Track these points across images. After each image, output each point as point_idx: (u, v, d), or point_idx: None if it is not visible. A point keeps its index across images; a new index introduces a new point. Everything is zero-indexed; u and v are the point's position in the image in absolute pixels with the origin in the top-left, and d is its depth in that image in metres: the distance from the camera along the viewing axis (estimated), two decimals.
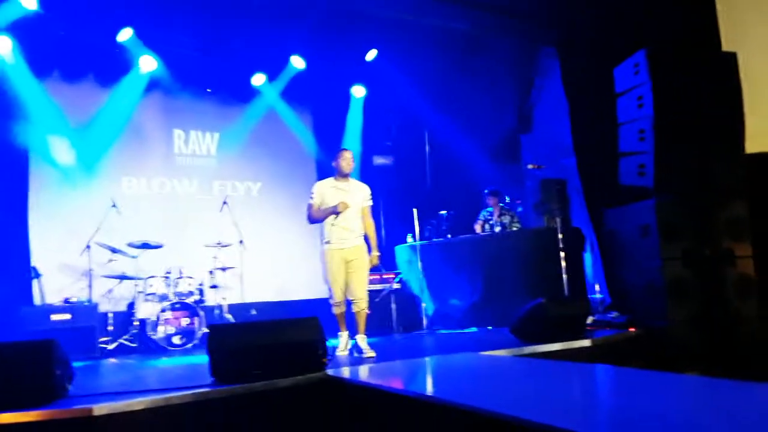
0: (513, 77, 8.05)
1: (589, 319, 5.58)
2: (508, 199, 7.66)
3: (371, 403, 3.14)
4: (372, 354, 4.59)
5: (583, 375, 3.26)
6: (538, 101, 8.02)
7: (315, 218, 4.97)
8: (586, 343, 4.60)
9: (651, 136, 5.43)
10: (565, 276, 5.82)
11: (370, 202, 5.11)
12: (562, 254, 5.89)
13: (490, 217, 7.25)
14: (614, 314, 5.64)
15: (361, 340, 4.74)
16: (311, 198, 4.97)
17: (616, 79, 5.91)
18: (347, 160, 5.00)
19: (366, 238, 5.03)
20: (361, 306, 4.82)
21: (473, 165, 8.07)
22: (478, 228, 7.25)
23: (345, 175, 5.00)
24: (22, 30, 6.62)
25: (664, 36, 5.79)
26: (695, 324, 5.13)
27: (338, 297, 4.83)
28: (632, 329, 5.23)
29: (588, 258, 6.63)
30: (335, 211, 4.79)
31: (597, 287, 6.29)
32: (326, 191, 4.94)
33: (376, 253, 5.02)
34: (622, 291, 5.80)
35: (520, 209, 7.66)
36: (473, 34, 7.35)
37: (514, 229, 7.01)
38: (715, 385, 2.63)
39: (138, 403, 3.00)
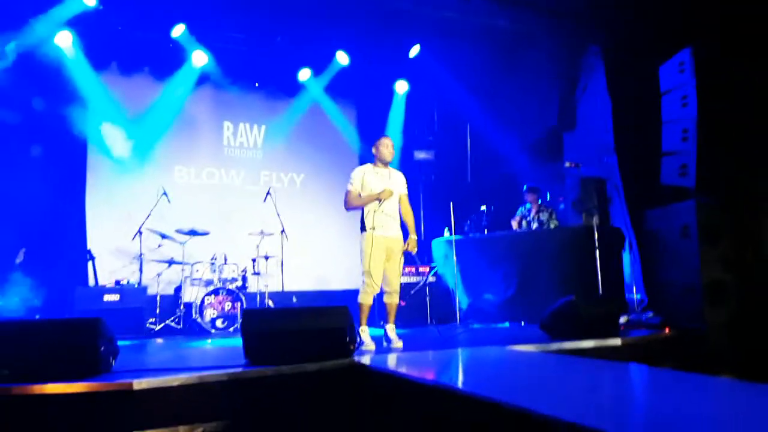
0: (557, 75, 7.97)
1: (624, 319, 5.55)
2: (549, 196, 7.63)
3: (395, 391, 3.22)
4: (400, 344, 4.68)
5: (610, 372, 3.21)
6: (582, 99, 7.92)
7: (353, 205, 4.84)
8: (616, 342, 4.56)
9: (694, 137, 5.33)
10: (600, 275, 5.78)
11: (407, 190, 5.10)
12: (598, 253, 5.84)
13: (527, 214, 7.24)
14: (650, 314, 5.59)
15: (391, 330, 4.82)
16: (350, 184, 4.85)
17: (661, 77, 5.80)
18: (389, 147, 4.91)
19: (403, 226, 4.99)
20: (395, 297, 4.83)
21: (514, 161, 8.07)
22: (514, 224, 7.26)
23: (386, 163, 4.92)
24: (82, 25, 7.01)
25: (713, 33, 5.66)
26: (732, 328, 5.03)
27: (377, 285, 4.70)
28: (667, 330, 5.16)
29: (627, 258, 6.55)
30: (379, 198, 4.73)
31: (634, 287, 6.20)
32: (368, 178, 4.84)
33: (413, 237, 4.93)
34: (659, 291, 5.73)
35: (562, 206, 7.62)
36: (517, 32, 7.33)
37: (552, 226, 6.99)
38: (751, 388, 2.52)
39: (174, 379, 3.20)
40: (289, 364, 3.43)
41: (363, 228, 4.82)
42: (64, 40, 7.00)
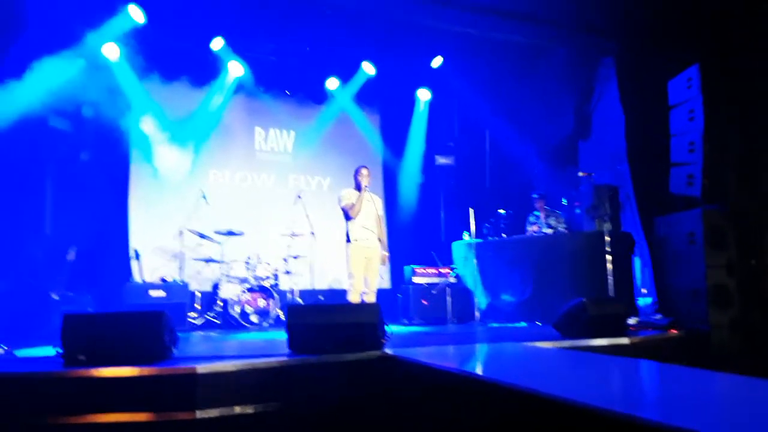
0: (573, 84, 8.33)
1: (633, 320, 5.90)
2: (565, 202, 7.99)
3: (423, 379, 3.60)
4: None
5: (619, 365, 3.44)
6: (597, 108, 8.27)
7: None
8: (625, 341, 4.92)
9: (700, 149, 5.68)
10: (611, 278, 6.15)
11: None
12: (610, 257, 6.21)
13: (536, 221, 7.64)
14: (658, 316, 5.94)
15: None
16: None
17: (670, 91, 6.15)
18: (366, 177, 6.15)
19: None
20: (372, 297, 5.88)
21: (531, 168, 8.45)
22: (533, 230, 7.65)
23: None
24: (128, 36, 7.49)
25: (722, 46, 5.98)
26: (735, 329, 5.38)
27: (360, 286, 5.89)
28: (673, 331, 5.51)
29: (637, 262, 6.90)
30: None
31: (644, 290, 6.56)
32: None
33: (385, 253, 6.19)
34: (668, 294, 6.06)
35: (578, 211, 7.98)
36: (534, 46, 7.71)
37: (561, 229, 7.37)
38: (751, 383, 2.63)
39: (231, 365, 3.64)
40: (328, 354, 3.88)
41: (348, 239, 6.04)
42: (112, 52, 7.51)
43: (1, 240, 6.27)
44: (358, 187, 6.25)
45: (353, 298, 5.83)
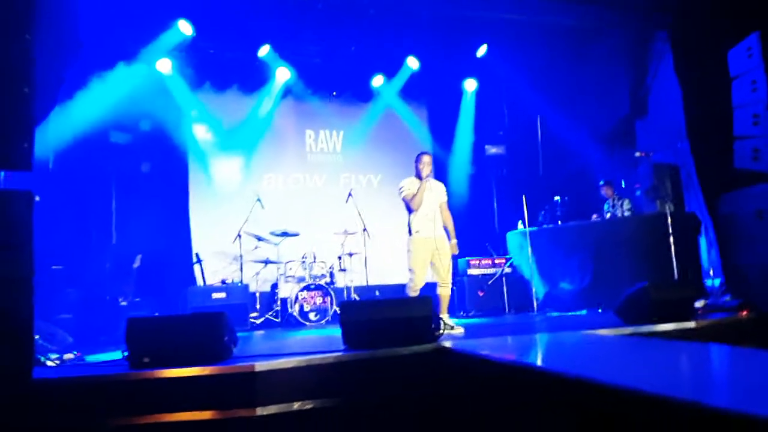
0: (626, 63, 8.04)
1: (701, 303, 5.65)
2: (623, 184, 7.73)
3: (480, 371, 3.55)
4: (460, 330, 5.12)
5: (684, 351, 3.30)
6: (653, 86, 7.94)
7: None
8: (690, 325, 4.71)
9: (765, 121, 5.38)
10: (675, 261, 5.91)
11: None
12: (674, 239, 5.97)
13: (610, 208, 7.42)
14: (727, 298, 5.67)
15: (447, 318, 5.32)
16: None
17: (730, 62, 5.84)
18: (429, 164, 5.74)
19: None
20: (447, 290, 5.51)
21: (585, 152, 8.21)
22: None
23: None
24: (179, 49, 7.75)
25: None
26: None
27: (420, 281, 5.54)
28: (744, 313, 5.25)
29: (703, 243, 6.60)
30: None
31: (711, 272, 6.27)
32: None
33: (455, 241, 5.69)
34: (737, 275, 5.78)
35: (638, 193, 7.70)
36: (583, 27, 7.48)
37: (627, 214, 7.13)
38: None
39: (288, 362, 3.72)
40: (383, 348, 3.90)
41: (409, 231, 5.59)
42: (164, 66, 7.80)
43: (71, 252, 6.63)
44: (419, 176, 5.74)
45: (412, 295, 5.38)
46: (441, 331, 4.30)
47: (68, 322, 5.73)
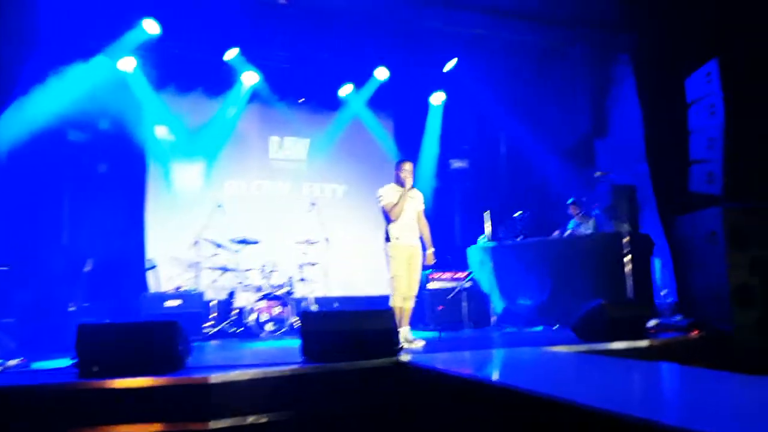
0: (588, 83, 8.22)
1: (653, 322, 5.77)
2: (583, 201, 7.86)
3: (438, 386, 3.54)
4: (419, 344, 5.12)
5: (636, 369, 3.42)
6: (614, 106, 8.15)
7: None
8: (644, 343, 4.81)
9: (720, 145, 5.57)
10: (630, 280, 6.04)
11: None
12: (629, 259, 6.10)
13: (575, 227, 7.53)
14: (679, 317, 5.81)
15: (407, 331, 5.32)
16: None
17: (688, 88, 6.04)
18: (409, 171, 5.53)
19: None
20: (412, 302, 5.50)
21: (547, 169, 8.35)
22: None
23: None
24: (143, 49, 7.56)
25: (739, 42, 5.84)
26: (760, 329, 5.23)
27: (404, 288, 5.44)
28: (695, 332, 5.38)
29: (657, 263, 6.77)
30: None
31: (663, 292, 6.43)
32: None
33: (431, 250, 5.64)
34: (689, 295, 5.94)
35: (595, 212, 7.86)
36: (547, 45, 7.64)
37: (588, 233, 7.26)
38: None
39: (243, 374, 3.63)
40: (342, 362, 3.84)
41: (387, 238, 5.42)
42: (128, 65, 7.60)
43: (19, 251, 6.36)
44: (398, 182, 5.49)
45: (397, 302, 5.22)
46: (401, 345, 4.26)
47: (11, 326, 5.48)
